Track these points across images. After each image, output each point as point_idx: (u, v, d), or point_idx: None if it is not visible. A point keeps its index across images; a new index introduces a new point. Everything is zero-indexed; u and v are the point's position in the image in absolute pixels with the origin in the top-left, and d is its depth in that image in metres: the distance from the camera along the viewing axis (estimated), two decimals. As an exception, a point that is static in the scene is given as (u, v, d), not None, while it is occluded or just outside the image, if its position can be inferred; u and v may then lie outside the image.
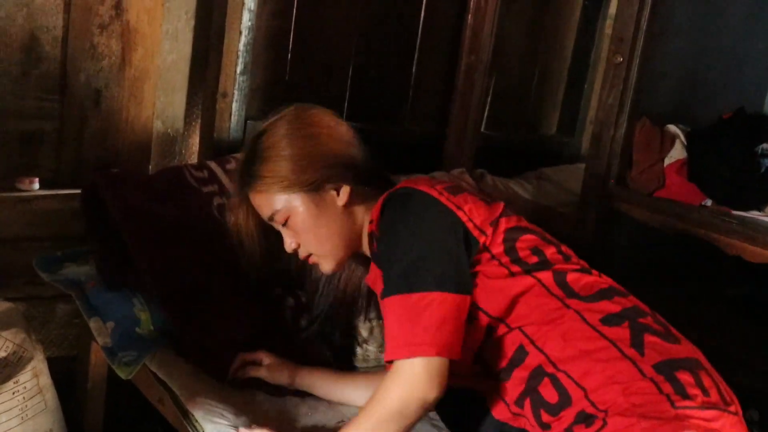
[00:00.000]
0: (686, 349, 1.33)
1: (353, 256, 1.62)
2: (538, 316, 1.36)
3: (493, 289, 1.39)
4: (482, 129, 3.02)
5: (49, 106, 2.17)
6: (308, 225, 1.52)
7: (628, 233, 2.49)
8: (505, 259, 1.40)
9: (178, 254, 1.80)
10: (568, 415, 1.28)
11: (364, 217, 1.56)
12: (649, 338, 1.31)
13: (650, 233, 2.33)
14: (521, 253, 1.41)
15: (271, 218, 1.54)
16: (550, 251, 1.44)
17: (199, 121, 2.41)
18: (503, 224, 1.44)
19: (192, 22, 2.31)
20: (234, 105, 2.38)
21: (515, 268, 1.39)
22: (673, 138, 2.31)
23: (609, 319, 1.33)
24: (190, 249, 1.83)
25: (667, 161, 2.28)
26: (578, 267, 1.43)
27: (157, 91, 2.33)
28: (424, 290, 1.32)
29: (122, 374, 1.69)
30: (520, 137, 3.26)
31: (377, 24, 2.77)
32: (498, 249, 1.41)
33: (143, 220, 1.82)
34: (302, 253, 1.56)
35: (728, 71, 2.69)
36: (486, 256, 1.41)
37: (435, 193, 1.44)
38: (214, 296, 1.78)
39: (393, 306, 1.34)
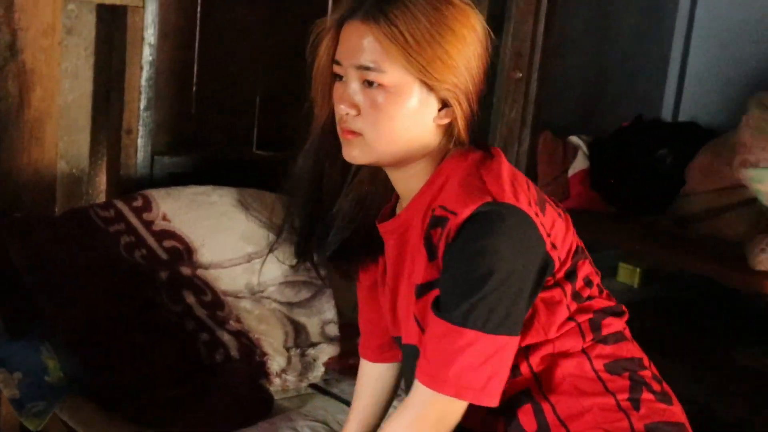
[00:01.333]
0: (677, 411, 1.33)
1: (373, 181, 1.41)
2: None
3: (539, 320, 1.30)
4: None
5: (-54, 153, 2.12)
6: (395, 109, 1.28)
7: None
8: (567, 287, 1.31)
9: (86, 297, 1.78)
10: None
11: (432, 154, 1.33)
12: (646, 395, 1.30)
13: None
14: (578, 285, 1.33)
15: (363, 68, 1.27)
16: (596, 281, 1.37)
17: (105, 159, 2.38)
18: (574, 244, 1.34)
19: (92, 60, 2.29)
20: (139, 141, 2.36)
21: (572, 305, 1.32)
22: (576, 149, 2.38)
23: (613, 367, 1.32)
24: (99, 291, 1.80)
25: (570, 172, 2.34)
26: (613, 305, 1.38)
27: (60, 131, 2.28)
28: (478, 329, 1.21)
29: (31, 426, 1.65)
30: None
31: (283, 53, 2.78)
32: (561, 274, 1.31)
33: (48, 265, 1.78)
34: (350, 124, 1.30)
35: (625, 81, 2.79)
36: (550, 281, 1.30)
37: (532, 215, 1.25)
38: (126, 336, 1.76)
39: (441, 330, 1.23)
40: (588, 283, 1.34)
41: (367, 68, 1.26)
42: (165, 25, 2.41)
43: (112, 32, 2.33)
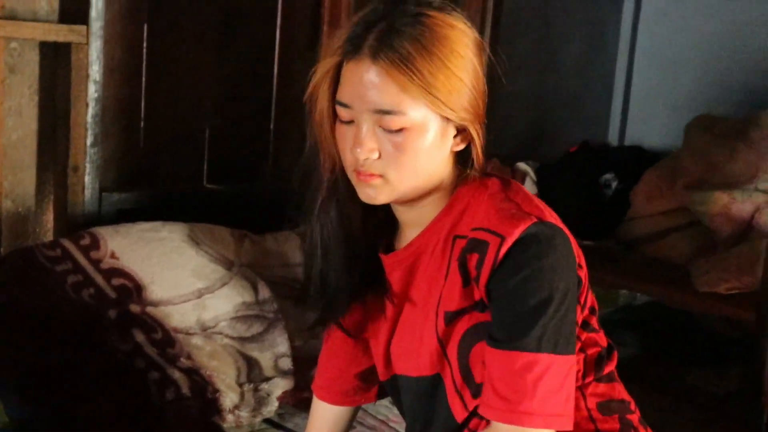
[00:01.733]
0: None
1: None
2: None
3: None
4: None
5: None
6: (418, 148, 1.23)
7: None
8: (579, 314, 1.30)
9: (32, 338, 1.75)
10: None
11: (448, 181, 1.31)
12: None
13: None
14: (585, 312, 1.32)
15: (382, 112, 1.22)
16: (596, 312, 1.36)
17: (52, 197, 2.35)
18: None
19: (36, 98, 2.26)
20: (87, 178, 2.34)
21: (582, 334, 1.31)
22: (524, 175, 2.41)
23: (605, 407, 1.32)
24: (46, 332, 1.78)
25: (519, 198, 2.37)
26: (610, 341, 1.38)
27: (4, 170, 2.26)
28: (551, 352, 1.19)
29: (-22, 472, 1.62)
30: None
31: (231, 84, 2.78)
32: (581, 298, 1.31)
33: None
34: (375, 168, 1.25)
35: (571, 107, 2.84)
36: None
37: (568, 232, 1.25)
38: (74, 378, 1.74)
39: (512, 361, 1.20)
40: (592, 311, 1.33)
41: (387, 112, 1.21)
42: (110, 61, 2.40)
43: (57, 69, 2.31)
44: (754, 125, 2.23)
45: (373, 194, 1.27)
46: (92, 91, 2.31)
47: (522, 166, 2.42)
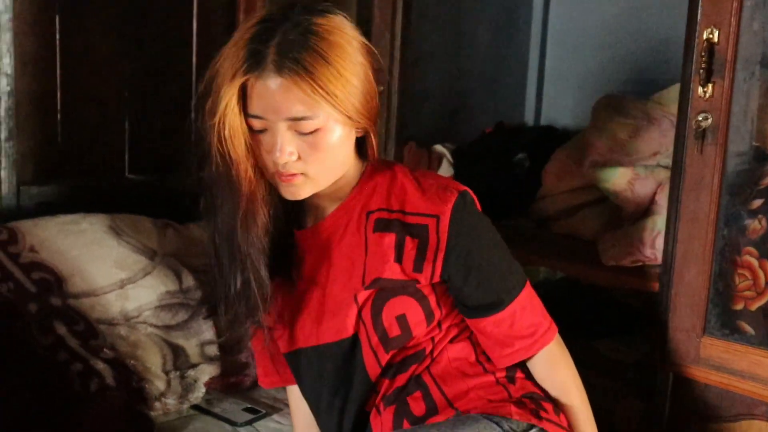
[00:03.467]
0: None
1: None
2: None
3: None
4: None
5: None
6: (331, 144, 1.38)
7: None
8: None
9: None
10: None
11: (355, 166, 1.49)
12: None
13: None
14: None
15: (296, 119, 1.35)
16: None
17: (-32, 193, 2.33)
18: None
19: (-54, 92, 2.24)
20: (3, 173, 2.32)
21: None
22: (441, 157, 2.47)
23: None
24: (-35, 329, 1.77)
25: (436, 180, 2.43)
26: None
27: None
28: (522, 288, 1.49)
29: None
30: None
31: (150, 74, 2.77)
32: None
33: None
34: (296, 168, 1.39)
35: (486, 88, 2.90)
36: None
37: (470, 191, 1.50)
38: (-4, 373, 1.74)
39: (506, 316, 1.47)
40: None
41: (300, 119, 1.34)
42: (23, 55, 2.37)
43: (-34, 63, 2.28)
44: (656, 104, 2.32)
45: (297, 191, 1.41)
46: (4, 84, 2.29)
47: (438, 148, 2.48)
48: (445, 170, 2.44)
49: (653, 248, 2.03)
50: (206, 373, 2.04)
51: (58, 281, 1.95)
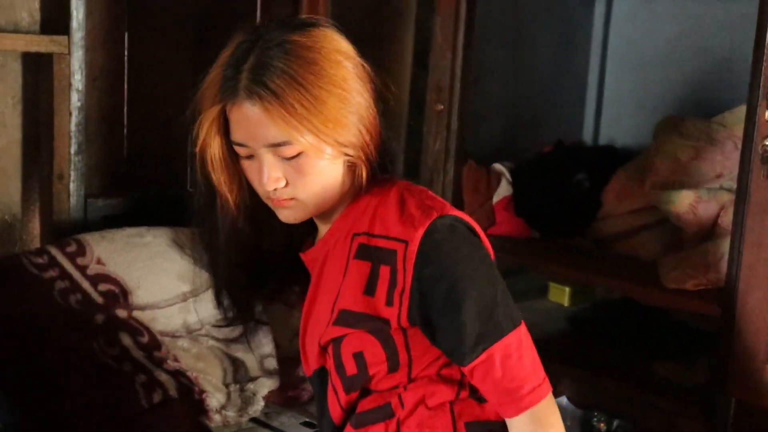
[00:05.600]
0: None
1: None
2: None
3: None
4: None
5: None
6: (317, 168, 1.31)
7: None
8: None
9: (21, 345, 1.79)
10: None
11: (348, 189, 1.40)
12: None
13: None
14: None
15: (275, 145, 1.29)
16: None
17: (38, 204, 2.39)
18: None
19: (19, 107, 2.31)
20: (72, 186, 2.38)
21: None
22: (499, 176, 2.47)
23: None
24: (34, 338, 1.82)
25: (495, 199, 2.43)
26: None
27: (-10, 179, 2.30)
28: (505, 333, 1.26)
29: (-29, 476, 1.66)
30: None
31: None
32: None
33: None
34: (286, 193, 1.34)
35: (545, 107, 2.90)
36: None
37: (471, 222, 1.34)
38: (63, 383, 1.78)
39: (487, 363, 1.26)
40: None
41: (279, 144, 1.28)
42: (92, 70, 2.44)
43: (39, 79, 2.35)
44: (719, 125, 2.30)
45: (292, 215, 1.37)
46: (75, 100, 2.35)
47: (497, 166, 2.49)
48: (505, 189, 2.45)
49: (717, 272, 2.01)
50: (265, 386, 2.06)
51: (124, 293, 1.99)
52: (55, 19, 2.32)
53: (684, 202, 2.15)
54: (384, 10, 3.06)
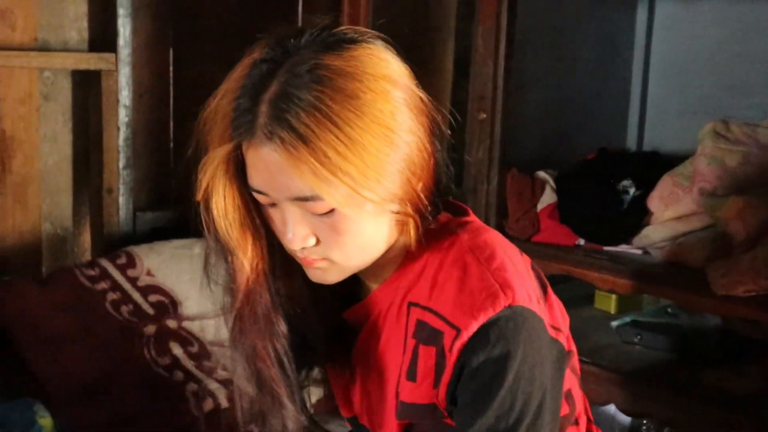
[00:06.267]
0: None
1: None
2: None
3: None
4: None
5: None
6: (356, 226, 1.04)
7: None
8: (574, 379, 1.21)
9: (75, 355, 1.83)
10: None
11: (397, 245, 1.11)
12: None
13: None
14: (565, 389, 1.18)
15: (300, 199, 1.01)
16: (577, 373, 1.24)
17: (88, 218, 2.45)
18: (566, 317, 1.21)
19: (69, 124, 2.37)
20: (121, 199, 2.43)
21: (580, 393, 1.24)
22: (543, 184, 2.46)
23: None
24: (88, 348, 1.86)
25: (539, 206, 2.42)
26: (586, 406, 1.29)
27: (42, 194, 2.36)
28: None
29: (29, 484, 1.70)
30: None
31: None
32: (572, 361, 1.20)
33: (38, 326, 1.84)
34: (315, 253, 1.07)
35: (588, 114, 2.88)
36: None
37: (538, 311, 1.07)
38: (117, 394, 1.82)
39: None
40: (573, 370, 1.20)
41: (306, 199, 1.01)
42: (139, 86, 2.50)
43: (88, 96, 2.41)
44: (767, 129, 2.27)
45: (323, 276, 1.10)
46: (123, 115, 2.40)
47: (541, 174, 2.48)
48: (549, 197, 2.43)
49: (767, 278, 1.98)
50: (312, 394, 2.08)
51: (173, 304, 2.03)
52: (102, 38, 2.38)
53: (732, 208, 2.13)
54: (424, 21, 3.07)
